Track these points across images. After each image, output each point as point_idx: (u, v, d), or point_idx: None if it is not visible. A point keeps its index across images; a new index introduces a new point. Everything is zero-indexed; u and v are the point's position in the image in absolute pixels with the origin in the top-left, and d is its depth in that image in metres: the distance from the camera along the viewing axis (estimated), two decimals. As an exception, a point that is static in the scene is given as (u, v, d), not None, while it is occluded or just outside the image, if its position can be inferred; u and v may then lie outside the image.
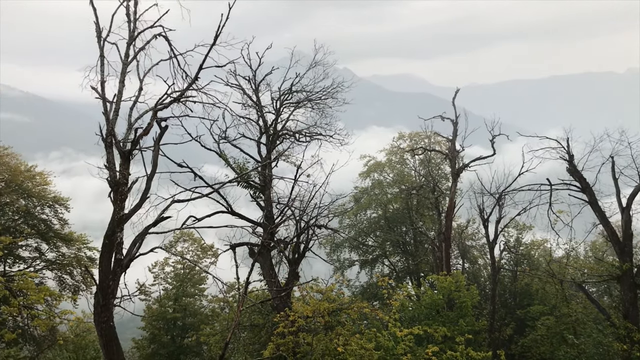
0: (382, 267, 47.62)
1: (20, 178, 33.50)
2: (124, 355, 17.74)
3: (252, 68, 26.35)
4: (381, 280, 26.89)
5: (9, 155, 33.95)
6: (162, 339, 36.65)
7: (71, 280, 35.05)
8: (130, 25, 17.93)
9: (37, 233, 34.26)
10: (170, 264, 39.16)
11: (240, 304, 17.49)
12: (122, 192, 16.64)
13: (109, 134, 16.98)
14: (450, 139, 37.62)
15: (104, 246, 16.38)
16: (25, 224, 34.41)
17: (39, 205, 34.93)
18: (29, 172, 34.41)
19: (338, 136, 27.39)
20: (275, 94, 26.98)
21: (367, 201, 47.33)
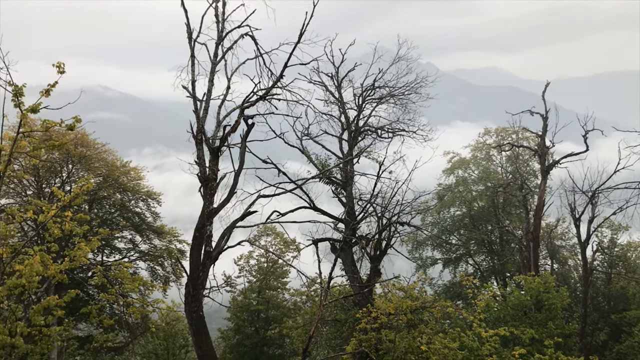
0: (466, 266, 46.55)
1: (117, 173, 35.50)
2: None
3: (334, 65, 26.49)
4: (465, 279, 26.32)
5: (107, 152, 36.04)
6: (247, 330, 37.66)
7: (162, 271, 36.79)
8: (219, 25, 18.54)
9: (132, 225, 36.22)
10: (255, 257, 40.13)
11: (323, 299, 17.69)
12: (211, 187, 17.28)
13: (199, 132, 17.67)
14: (539, 134, 36.08)
15: (195, 239, 17.09)
16: (121, 216, 36.45)
17: (133, 199, 36.91)
18: (124, 167, 36.40)
19: (421, 132, 27.01)
20: (357, 90, 26.98)
21: (451, 198, 46.37)
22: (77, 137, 32.77)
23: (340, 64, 26.41)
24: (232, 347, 37.59)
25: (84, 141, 33.87)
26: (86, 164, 34.06)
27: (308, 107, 23.96)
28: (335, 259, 19.97)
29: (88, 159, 34.00)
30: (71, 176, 34.05)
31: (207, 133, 18.18)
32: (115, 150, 36.83)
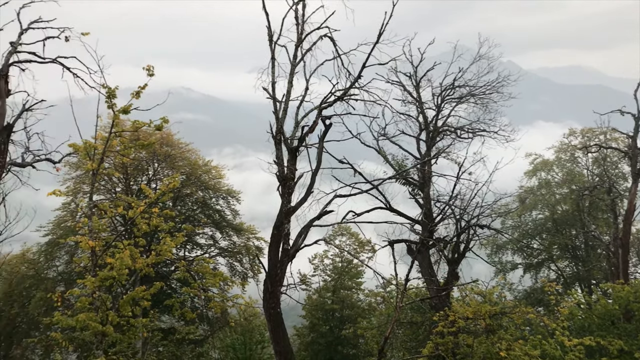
0: (548, 271, 44.79)
1: (199, 172, 36.85)
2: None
3: (413, 64, 26.21)
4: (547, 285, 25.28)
5: (190, 151, 37.48)
6: (321, 328, 37.99)
7: (240, 267, 37.80)
8: (299, 27, 18.83)
9: (212, 222, 37.47)
10: (330, 257, 40.43)
11: (400, 301, 17.58)
12: (289, 186, 17.59)
13: (278, 132, 18.03)
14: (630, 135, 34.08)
15: (273, 236, 17.46)
16: (202, 213, 37.78)
17: (214, 197, 38.17)
18: (206, 166, 37.73)
19: (502, 132, 26.19)
20: (436, 90, 26.55)
21: (533, 201, 44.74)
22: (163, 136, 34.28)
23: (418, 63, 26.11)
24: (306, 344, 38.05)
25: (169, 141, 35.38)
26: (171, 162, 35.58)
27: (385, 107, 23.82)
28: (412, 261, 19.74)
29: (172, 158, 35.50)
30: (157, 174, 35.69)
31: (286, 133, 18.51)
32: (197, 150, 38.22)
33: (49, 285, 32.93)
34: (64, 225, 33.70)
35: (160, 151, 34.46)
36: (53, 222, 34.35)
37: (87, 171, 33.81)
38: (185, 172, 36.01)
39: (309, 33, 18.88)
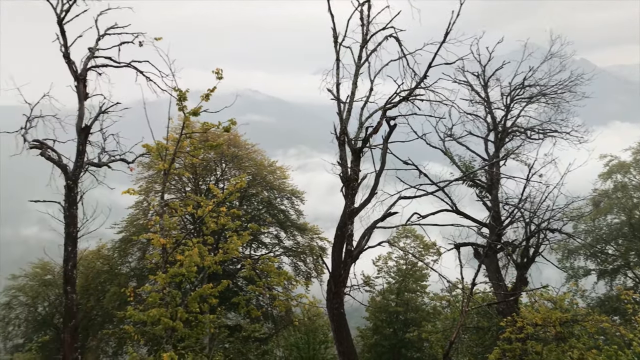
0: (624, 279, 42.57)
1: (264, 172, 37.44)
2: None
3: (481, 63, 25.66)
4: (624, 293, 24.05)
5: (256, 152, 38.15)
6: (385, 331, 37.78)
7: (304, 266, 38.10)
8: (364, 28, 18.81)
9: (277, 222, 37.97)
10: (393, 259, 40.15)
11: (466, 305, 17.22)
12: (352, 187, 17.59)
13: (342, 133, 18.07)
14: None
15: (336, 237, 17.52)
16: (267, 213, 38.35)
17: (279, 197, 38.67)
18: (271, 166, 38.29)
19: (575, 133, 25.18)
20: (505, 89, 25.87)
21: (608, 205, 42.66)
22: (230, 138, 35.06)
23: (487, 62, 25.53)
24: (370, 346, 37.92)
25: (236, 142, 36.15)
26: (238, 163, 36.35)
27: (452, 108, 23.44)
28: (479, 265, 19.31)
29: (239, 159, 36.25)
30: (224, 174, 36.55)
31: (350, 134, 18.53)
32: (263, 151, 38.84)
33: (122, 280, 34.36)
34: (136, 223, 35.06)
35: (227, 152, 35.26)
36: (126, 219, 35.81)
37: (158, 171, 35.19)
38: (251, 173, 36.67)
39: (374, 34, 18.84)
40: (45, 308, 37.44)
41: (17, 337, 37.03)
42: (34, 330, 36.95)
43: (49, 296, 37.42)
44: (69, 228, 17.12)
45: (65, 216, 17.52)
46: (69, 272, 16.51)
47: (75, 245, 17.14)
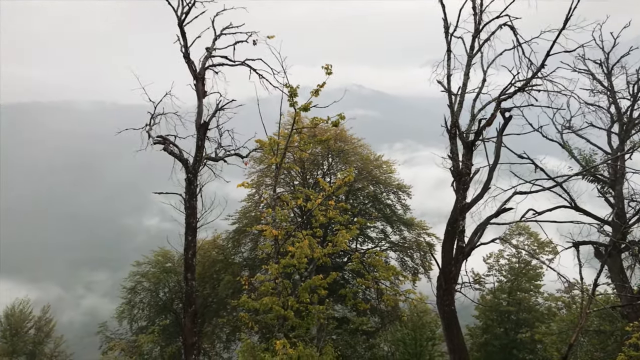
0: None
1: (370, 166, 37.45)
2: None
3: (604, 50, 24.03)
4: None
5: (362, 146, 38.24)
6: (495, 330, 36.57)
7: (411, 262, 37.69)
8: (476, 17, 18.24)
9: (383, 216, 37.85)
10: (505, 257, 38.70)
11: (587, 307, 16.24)
12: (464, 181, 17.16)
13: (453, 126, 17.66)
14: None
15: (447, 233, 17.17)
16: (373, 207, 38.34)
17: (385, 192, 38.52)
18: (377, 161, 38.22)
19: None
20: (632, 77, 24.02)
21: None
22: (337, 132, 35.42)
23: (611, 49, 23.88)
24: (479, 345, 36.89)
25: (343, 136, 36.46)
26: (344, 157, 36.65)
27: (571, 98, 22.08)
28: (602, 264, 18.13)
29: (346, 153, 36.54)
30: (331, 168, 37.01)
31: (461, 127, 18.06)
32: (369, 145, 38.83)
33: (235, 269, 35.90)
34: (248, 214, 36.46)
35: (334, 146, 35.65)
36: (239, 211, 37.32)
37: (269, 165, 36.40)
38: (357, 167, 36.82)
39: (487, 23, 18.21)
40: (165, 294, 39.93)
41: (141, 319, 39.82)
42: (156, 314, 39.57)
43: (169, 282, 39.85)
44: (189, 219, 18.16)
45: (186, 207, 18.62)
46: (189, 260, 17.53)
47: (195, 235, 18.15)
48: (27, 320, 43.92)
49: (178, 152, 19.76)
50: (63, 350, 44.92)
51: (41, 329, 43.94)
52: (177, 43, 20.41)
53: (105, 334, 39.92)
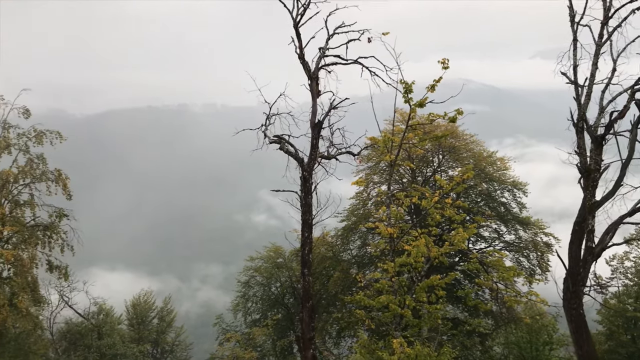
0: None
1: (483, 163, 36.21)
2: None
3: None
4: None
5: (474, 142, 37.10)
6: (621, 337, 34.06)
7: (527, 263, 36.05)
8: (605, 3, 17.07)
9: (497, 215, 36.49)
10: (632, 259, 35.95)
11: None
12: (593, 178, 16.12)
13: (580, 119, 16.65)
14: None
15: (574, 233, 16.22)
16: (486, 206, 37.06)
17: (499, 189, 37.11)
18: (490, 157, 36.88)
19: None
20: None
21: None
22: (448, 128, 34.62)
23: None
24: (602, 352, 34.52)
25: (454, 132, 35.56)
26: (455, 154, 35.75)
27: None
28: None
29: (457, 150, 35.62)
30: (441, 166, 36.25)
31: (589, 120, 16.98)
32: (482, 141, 37.60)
33: (344, 266, 36.20)
34: (356, 212, 36.62)
35: (445, 143, 34.87)
36: (348, 209, 37.58)
37: (377, 163, 36.34)
38: (469, 164, 35.78)
39: (618, 9, 16.99)
40: (277, 288, 41.18)
41: (254, 312, 41.40)
42: (268, 308, 40.93)
43: (280, 277, 41.04)
44: (305, 215, 18.50)
45: (302, 204, 18.97)
46: (305, 255, 17.86)
47: (311, 231, 18.47)
48: (151, 310, 47.04)
49: (294, 151, 20.20)
50: (183, 340, 47.68)
51: (163, 318, 46.89)
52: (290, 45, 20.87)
53: (222, 326, 41.89)
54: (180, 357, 46.81)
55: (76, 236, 32.92)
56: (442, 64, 16.78)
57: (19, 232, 31.23)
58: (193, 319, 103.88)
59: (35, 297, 32.15)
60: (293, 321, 40.39)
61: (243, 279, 41.91)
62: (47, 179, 32.31)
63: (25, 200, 32.24)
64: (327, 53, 21.02)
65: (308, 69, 20.11)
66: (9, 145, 31.72)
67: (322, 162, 21.41)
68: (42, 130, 32.45)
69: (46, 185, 32.36)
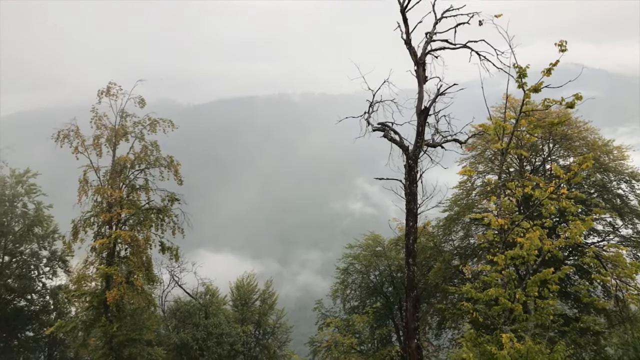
0: None
1: (598, 152, 33.86)
2: None
3: None
4: None
5: (588, 130, 34.78)
6: None
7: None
8: None
9: (612, 207, 34.08)
10: None
11: None
12: None
13: None
14: None
15: None
16: (600, 197, 34.71)
17: (615, 180, 34.62)
18: (605, 146, 34.42)
19: None
20: None
21: None
22: (560, 115, 32.71)
23: None
24: None
25: (567, 119, 33.52)
26: (566, 142, 33.74)
27: None
28: None
29: (569, 138, 33.61)
30: (551, 154, 34.36)
31: None
32: (597, 129, 35.19)
33: (446, 257, 35.43)
34: (460, 202, 35.64)
35: (556, 131, 32.96)
36: (450, 199, 36.66)
37: (481, 152, 35.12)
38: (582, 153, 33.61)
39: None
40: (376, 276, 41.10)
41: (353, 299, 41.64)
42: (367, 295, 41.02)
43: (379, 266, 40.92)
44: (409, 204, 18.27)
45: (406, 193, 18.74)
46: (410, 245, 17.65)
47: (416, 220, 18.22)
48: (253, 292, 48.68)
49: (398, 138, 19.96)
50: (284, 323, 48.97)
51: (265, 301, 48.37)
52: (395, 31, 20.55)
53: (321, 311, 42.55)
54: (281, 339, 48.12)
55: (186, 219, 34.60)
56: (559, 46, 15.82)
57: (135, 214, 33.29)
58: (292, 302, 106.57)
59: (149, 276, 34.15)
60: (392, 310, 40.19)
61: (342, 265, 42.21)
62: (160, 164, 34.13)
63: (141, 184, 34.26)
64: (435, 38, 20.54)
65: (414, 55, 19.75)
66: (127, 133, 33.82)
67: (427, 151, 21.02)
68: (156, 118, 34.27)
69: (159, 170, 34.20)
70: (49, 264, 45.79)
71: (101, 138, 32.93)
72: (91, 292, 32.73)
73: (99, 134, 32.92)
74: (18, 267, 44.93)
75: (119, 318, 32.34)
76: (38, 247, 45.53)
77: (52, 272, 45.97)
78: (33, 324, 45.84)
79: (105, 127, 33.14)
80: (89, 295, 32.69)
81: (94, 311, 32.93)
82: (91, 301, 32.71)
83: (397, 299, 40.35)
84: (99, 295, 32.05)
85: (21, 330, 45.29)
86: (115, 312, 32.41)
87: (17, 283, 44.03)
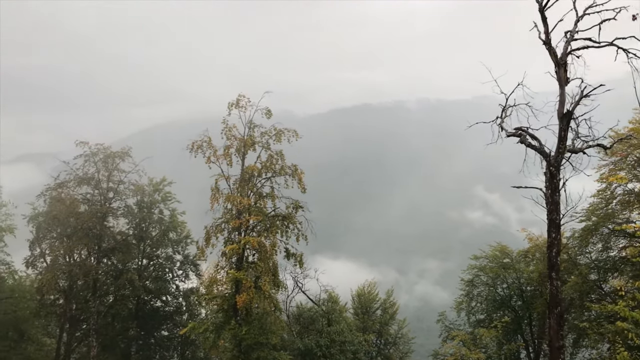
0: None
1: None
2: None
3: None
4: None
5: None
6: None
7: None
8: None
9: None
10: None
11: None
12: None
13: None
14: None
15: None
16: None
17: None
18: None
19: None
20: None
21: None
22: None
23: None
24: None
25: None
26: None
27: None
28: None
29: None
30: None
31: None
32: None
33: (582, 270, 33.02)
34: (598, 212, 33.08)
35: None
36: (588, 209, 34.13)
37: (623, 157, 32.34)
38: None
39: None
40: (503, 290, 39.29)
41: (478, 312, 40.07)
42: (493, 309, 39.33)
43: (506, 278, 39.08)
44: (551, 214, 17.13)
45: (547, 202, 17.60)
46: (553, 258, 16.53)
47: (559, 231, 17.06)
48: (374, 301, 48.35)
49: (537, 144, 18.84)
50: (405, 334, 48.14)
51: (386, 310, 47.86)
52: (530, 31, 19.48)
53: (445, 323, 41.39)
54: (403, 350, 47.32)
55: (310, 226, 35.10)
56: None
57: (262, 221, 34.33)
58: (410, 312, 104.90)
59: (275, 281, 34.97)
60: (521, 325, 38.19)
61: (467, 277, 40.83)
62: (285, 173, 34.96)
63: (267, 192, 35.30)
64: (576, 36, 19.21)
65: (555, 55, 18.56)
66: (254, 143, 35.01)
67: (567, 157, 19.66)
68: (281, 129, 35.18)
69: (284, 179, 35.04)
70: (182, 267, 48.68)
71: (231, 148, 34.30)
72: (222, 295, 34.14)
73: (229, 144, 34.32)
74: (155, 270, 48.20)
75: (248, 322, 33.38)
76: (172, 251, 48.57)
77: (185, 275, 48.82)
78: (167, 324, 48.86)
79: (235, 138, 34.50)
80: (219, 299, 34.11)
81: (224, 314, 34.27)
82: (222, 304, 34.09)
83: (526, 314, 38.27)
84: (229, 298, 33.33)
85: (157, 329, 48.40)
86: (244, 316, 33.51)
87: (153, 285, 47.16)
